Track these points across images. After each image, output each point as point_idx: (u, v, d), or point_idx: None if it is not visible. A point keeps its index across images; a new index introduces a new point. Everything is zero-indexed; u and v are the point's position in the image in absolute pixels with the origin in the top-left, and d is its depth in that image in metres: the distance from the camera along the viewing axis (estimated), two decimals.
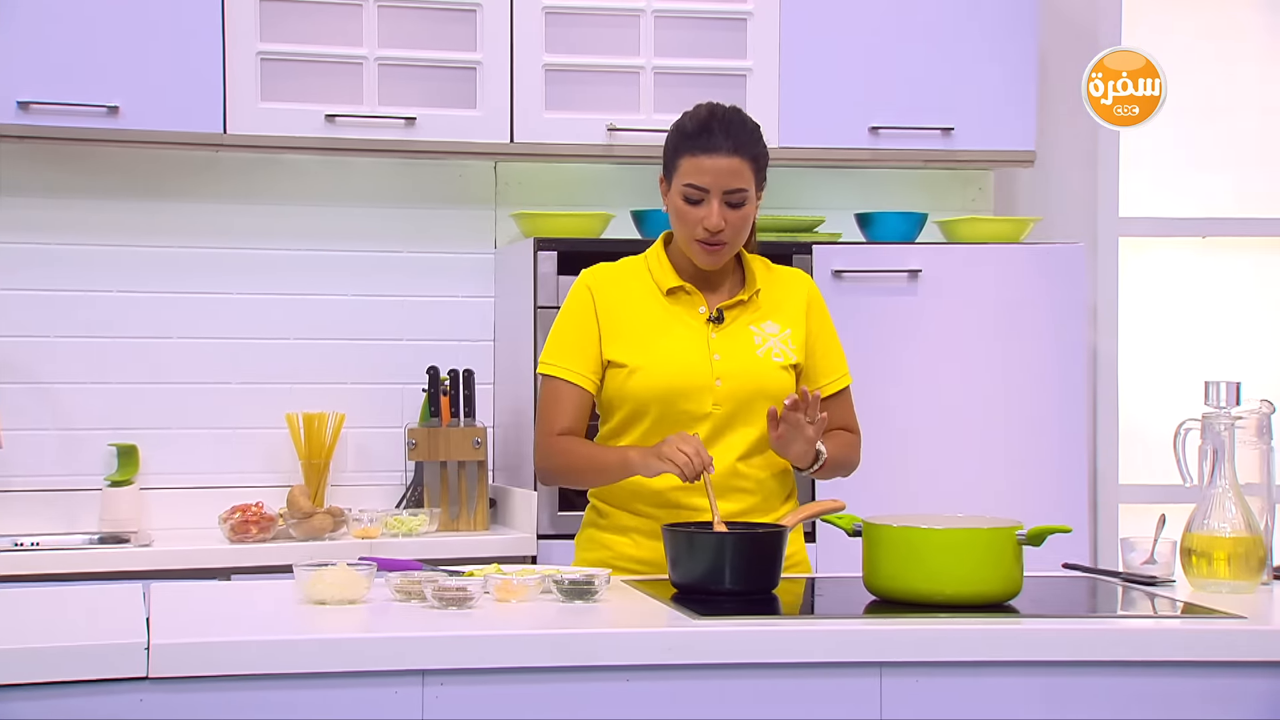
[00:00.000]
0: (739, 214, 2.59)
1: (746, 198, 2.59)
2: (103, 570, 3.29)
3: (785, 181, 4.10)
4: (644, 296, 2.66)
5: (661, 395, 2.61)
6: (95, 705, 1.97)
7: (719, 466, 2.60)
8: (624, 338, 2.63)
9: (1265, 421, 2.54)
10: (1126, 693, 2.17)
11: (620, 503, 2.66)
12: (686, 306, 2.66)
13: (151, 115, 3.54)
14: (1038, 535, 2.32)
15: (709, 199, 2.58)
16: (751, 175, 2.60)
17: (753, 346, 2.65)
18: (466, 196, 3.97)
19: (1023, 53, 3.88)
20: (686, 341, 2.64)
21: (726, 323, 2.66)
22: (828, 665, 2.13)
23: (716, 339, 2.65)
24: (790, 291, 2.73)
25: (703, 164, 2.57)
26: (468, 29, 3.69)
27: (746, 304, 2.68)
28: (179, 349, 3.84)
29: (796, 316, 2.71)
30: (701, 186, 2.58)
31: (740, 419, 2.63)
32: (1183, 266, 4.25)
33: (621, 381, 2.62)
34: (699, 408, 2.61)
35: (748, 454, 2.65)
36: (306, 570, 2.28)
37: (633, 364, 2.62)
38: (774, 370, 2.65)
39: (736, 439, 2.63)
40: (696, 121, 2.61)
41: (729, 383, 2.62)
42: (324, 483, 3.78)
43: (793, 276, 2.76)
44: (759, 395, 2.63)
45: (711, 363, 2.62)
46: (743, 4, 3.79)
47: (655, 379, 2.61)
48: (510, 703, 2.07)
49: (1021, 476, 3.70)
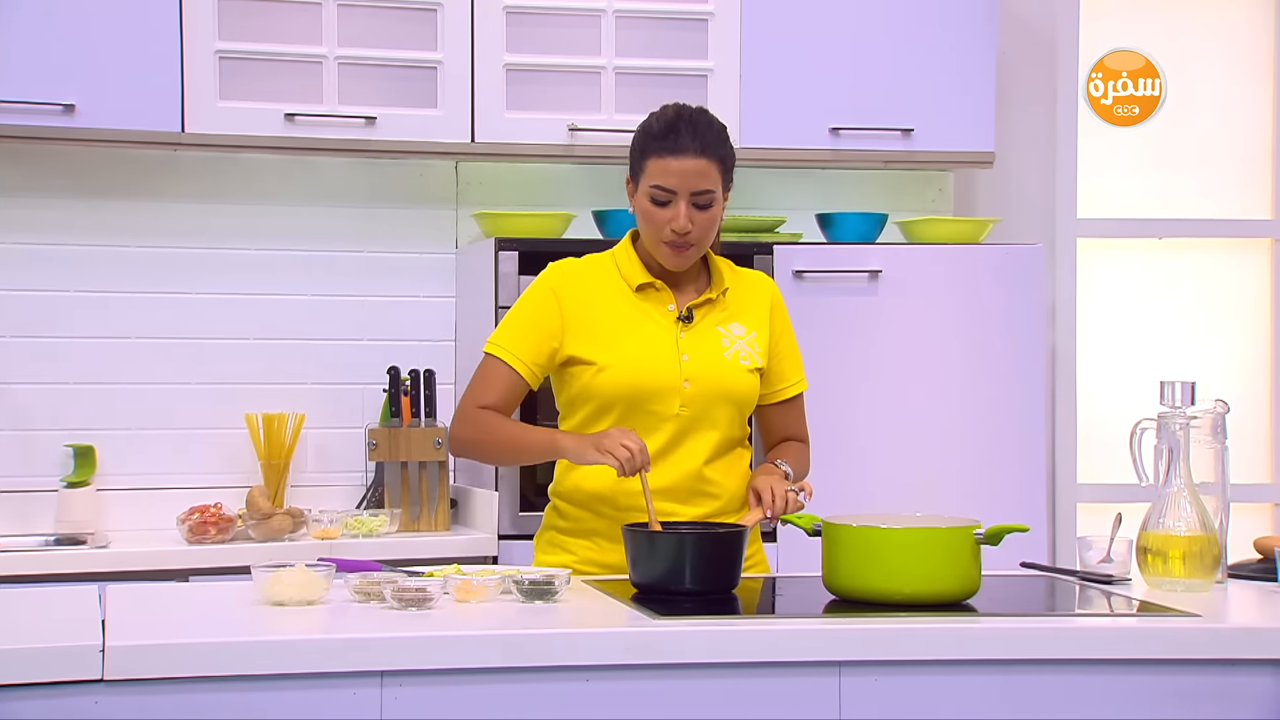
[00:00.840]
0: (706, 215, 2.59)
1: (714, 199, 2.59)
2: (59, 572, 3.26)
3: (746, 182, 4.11)
4: (612, 293, 2.65)
5: (629, 394, 2.60)
6: (50, 708, 1.95)
7: (685, 470, 2.60)
8: (591, 334, 2.62)
9: (1220, 421, 2.56)
10: (1084, 690, 2.19)
11: (584, 504, 2.65)
12: (655, 304, 2.66)
13: (108, 114, 3.52)
14: (996, 534, 2.34)
15: (676, 200, 2.57)
16: (719, 176, 2.59)
17: (720, 348, 2.65)
18: (427, 196, 3.96)
19: (982, 55, 3.90)
20: (656, 341, 2.63)
21: (695, 322, 2.66)
22: (787, 665, 2.13)
23: (685, 339, 2.64)
24: (755, 294, 2.73)
25: (670, 165, 2.57)
26: (428, 28, 3.68)
27: (714, 303, 2.68)
28: (137, 349, 3.82)
29: (761, 319, 2.71)
30: (669, 188, 2.57)
31: (706, 422, 2.63)
32: (1140, 267, 4.29)
33: (589, 379, 2.61)
34: (666, 409, 2.61)
35: (713, 458, 2.64)
36: (264, 571, 2.27)
37: (601, 361, 2.60)
38: (741, 373, 2.65)
39: (702, 442, 2.63)
40: (663, 123, 2.60)
41: (696, 385, 2.61)
42: (284, 483, 3.77)
43: (756, 279, 2.76)
44: (725, 398, 2.63)
45: (680, 363, 2.62)
46: (704, 5, 3.79)
47: (623, 378, 2.60)
48: (469, 703, 2.06)
49: (980, 476, 3.72)
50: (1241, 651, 2.20)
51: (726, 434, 2.65)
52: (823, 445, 3.68)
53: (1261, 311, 4.30)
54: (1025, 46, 4.22)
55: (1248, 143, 4.28)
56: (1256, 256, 4.31)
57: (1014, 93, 4.19)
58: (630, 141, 2.66)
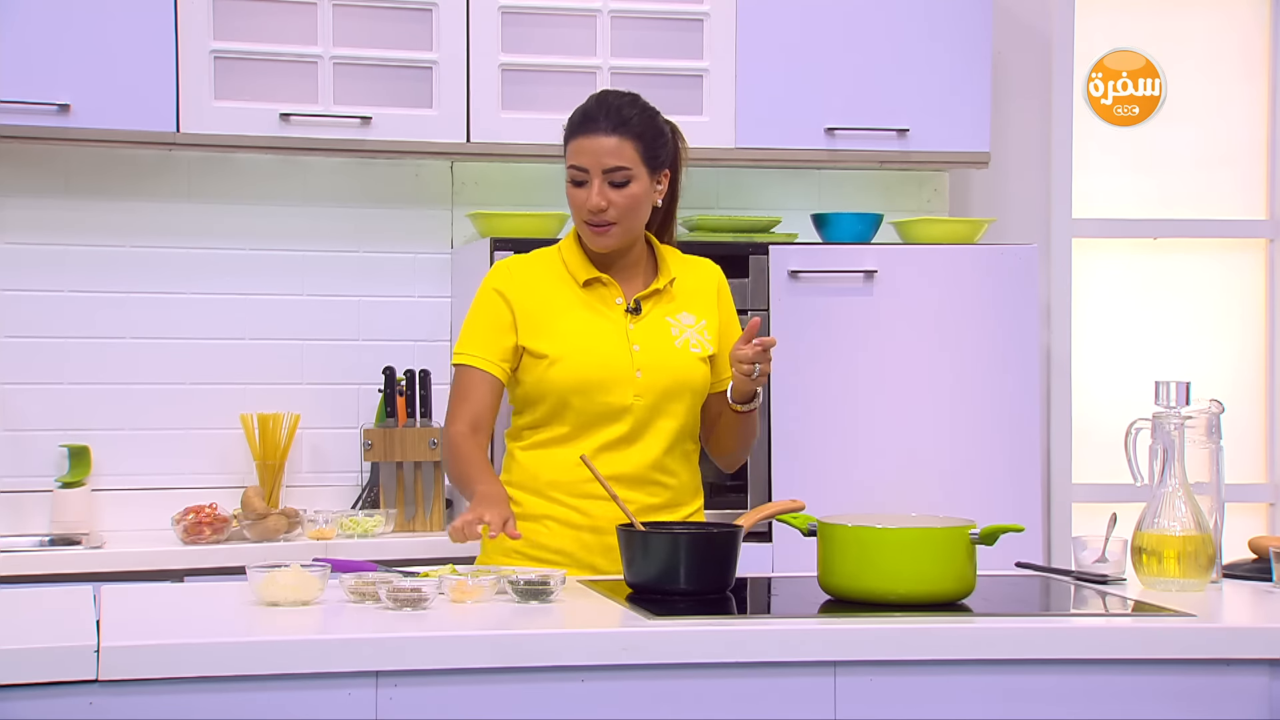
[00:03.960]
0: (623, 194, 2.60)
1: (630, 176, 2.60)
2: (53, 572, 3.27)
3: (741, 182, 4.12)
4: (560, 287, 2.67)
5: (583, 387, 2.61)
6: (44, 708, 1.95)
7: (645, 460, 2.60)
8: (542, 328, 2.64)
9: (1214, 421, 2.56)
10: (1078, 690, 2.19)
11: (537, 491, 2.66)
12: (603, 298, 2.67)
13: (103, 114, 3.51)
14: (991, 534, 2.34)
15: (590, 179, 2.60)
16: (636, 154, 2.61)
17: (671, 338, 2.67)
18: (422, 196, 3.96)
19: (977, 55, 3.90)
20: (606, 333, 2.64)
21: (644, 314, 2.67)
22: (782, 665, 2.14)
23: (635, 330, 2.65)
24: (702, 282, 2.75)
25: (582, 145, 2.61)
26: (424, 28, 3.68)
27: (662, 294, 2.69)
28: (132, 349, 3.81)
29: (709, 307, 2.72)
30: (582, 167, 2.61)
31: (662, 412, 2.64)
32: (1135, 268, 4.29)
33: (542, 373, 2.62)
34: (620, 400, 2.62)
35: (672, 447, 2.66)
36: (259, 572, 2.27)
37: (554, 354, 2.62)
38: (693, 361, 2.67)
39: (659, 432, 2.65)
40: (583, 109, 2.66)
41: (649, 375, 2.63)
42: (279, 484, 3.76)
43: (703, 266, 2.77)
44: (678, 387, 2.65)
45: (631, 354, 2.63)
46: (699, 5, 3.79)
47: (576, 370, 2.61)
48: (464, 704, 2.06)
49: (975, 476, 3.72)
50: (1236, 651, 2.21)
51: (683, 423, 2.67)
52: (818, 445, 3.70)
53: (1256, 312, 4.30)
54: (1020, 46, 4.23)
55: (1242, 144, 4.29)
56: (1251, 257, 4.31)
57: (1009, 92, 4.20)
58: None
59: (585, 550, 2.63)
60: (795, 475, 3.65)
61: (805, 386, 3.69)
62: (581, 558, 2.62)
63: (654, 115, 2.67)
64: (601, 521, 2.62)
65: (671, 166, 2.71)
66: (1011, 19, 4.22)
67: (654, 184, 2.65)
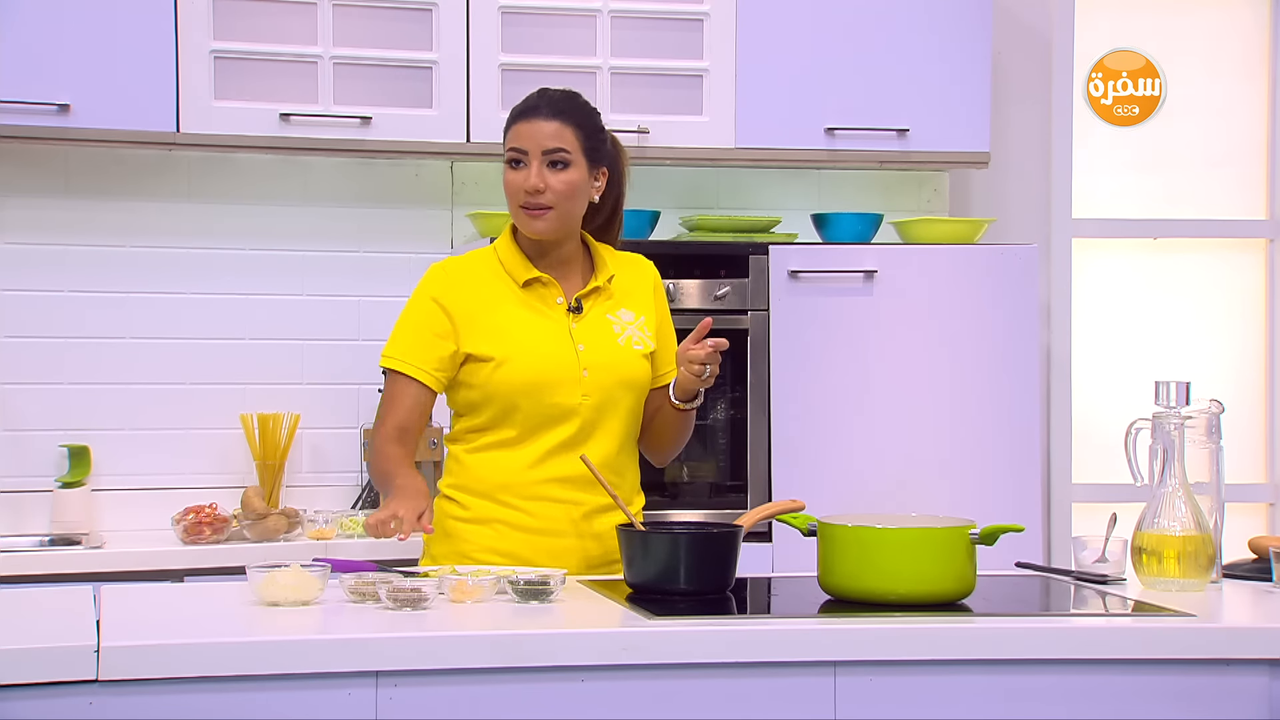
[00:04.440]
0: (561, 178, 2.60)
1: (568, 159, 2.60)
2: (53, 572, 3.26)
3: (741, 182, 4.12)
4: (499, 289, 2.65)
5: (530, 388, 2.59)
6: (44, 708, 1.95)
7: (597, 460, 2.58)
8: (485, 331, 2.62)
9: (1214, 421, 2.56)
10: (1078, 690, 2.19)
11: (485, 494, 2.63)
12: (543, 298, 2.66)
13: (103, 114, 3.51)
14: (991, 534, 2.34)
15: (529, 160, 2.60)
16: (575, 141, 2.61)
17: (613, 335, 2.66)
18: (422, 196, 3.96)
19: (977, 55, 3.90)
20: (550, 333, 2.63)
21: (585, 312, 2.66)
22: (782, 665, 2.13)
23: (578, 329, 2.65)
24: (638, 278, 2.74)
25: (521, 129, 2.62)
26: (424, 28, 3.68)
27: (601, 291, 2.68)
28: (132, 349, 3.81)
29: (646, 303, 2.72)
30: (521, 148, 2.61)
31: (607, 410, 2.63)
32: (1135, 268, 4.29)
33: (488, 375, 2.60)
34: (567, 400, 2.60)
35: (619, 447, 2.65)
36: (259, 572, 2.27)
37: (499, 356, 2.60)
38: (636, 359, 2.66)
39: (607, 432, 2.63)
40: (525, 101, 2.67)
41: (595, 374, 2.62)
42: (278, 484, 3.76)
43: (637, 263, 2.77)
44: (623, 385, 2.64)
45: (577, 353, 2.62)
46: (699, 5, 3.79)
47: (522, 372, 2.59)
48: (464, 704, 2.06)
49: (975, 476, 3.72)
50: (1236, 651, 2.21)
51: (630, 421, 2.67)
52: (818, 445, 3.70)
53: (1256, 312, 4.30)
54: (1020, 46, 4.23)
55: (1242, 144, 4.29)
56: (1251, 257, 4.31)
57: (1009, 93, 4.20)
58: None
59: (534, 553, 2.59)
60: (795, 475, 3.65)
61: (805, 386, 3.69)
62: (530, 560, 2.58)
63: (595, 113, 2.68)
64: (550, 524, 2.60)
65: (612, 169, 2.70)
66: (1011, 19, 4.22)
67: (592, 179, 2.64)
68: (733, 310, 3.70)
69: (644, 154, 3.76)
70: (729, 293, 3.69)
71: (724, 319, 3.69)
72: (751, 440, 3.70)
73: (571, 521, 2.62)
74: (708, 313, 3.68)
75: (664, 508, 3.69)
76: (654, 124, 3.76)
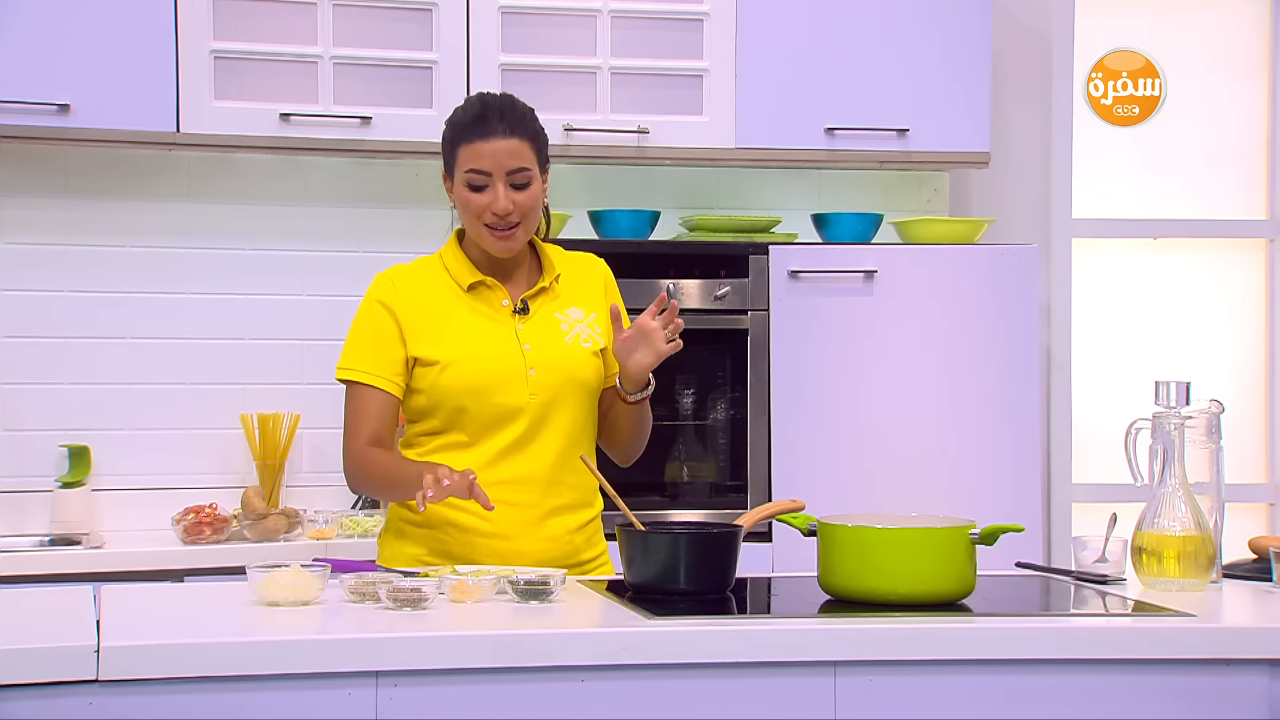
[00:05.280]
0: (525, 195, 2.60)
1: (530, 177, 2.60)
2: (53, 572, 3.27)
3: (741, 182, 4.12)
4: (444, 294, 2.65)
5: (476, 390, 2.58)
6: (44, 708, 1.95)
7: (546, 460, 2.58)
8: (431, 335, 2.61)
9: (1214, 421, 2.56)
10: (1078, 690, 2.19)
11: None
12: (488, 300, 2.65)
13: (103, 114, 3.52)
14: (991, 534, 2.34)
15: (493, 182, 2.58)
16: (532, 155, 2.60)
17: (561, 334, 2.65)
18: (422, 196, 3.96)
19: (977, 54, 3.90)
20: (495, 335, 2.63)
21: (531, 313, 2.66)
22: (782, 665, 2.13)
23: (524, 329, 2.64)
24: (587, 276, 2.73)
25: (481, 149, 2.58)
26: (423, 28, 3.68)
27: (548, 291, 2.68)
28: (132, 349, 3.81)
29: (596, 300, 2.71)
30: (483, 170, 2.59)
31: (556, 409, 2.62)
32: (1134, 268, 4.29)
33: (434, 379, 2.60)
34: (514, 400, 2.59)
35: (570, 446, 2.63)
36: (259, 572, 2.27)
37: (444, 359, 2.59)
38: (585, 356, 2.65)
39: (556, 431, 2.62)
40: (470, 112, 2.63)
41: (542, 373, 2.61)
42: (279, 484, 3.76)
43: (587, 261, 2.77)
44: (571, 383, 2.63)
45: (523, 353, 2.62)
46: (699, 5, 3.79)
47: (467, 374, 2.59)
48: (464, 704, 2.06)
49: (975, 476, 3.72)
50: (1236, 651, 2.21)
51: (581, 419, 2.65)
52: (818, 445, 3.70)
53: (1256, 312, 4.30)
54: (1020, 46, 4.23)
55: (1242, 143, 4.29)
56: (1251, 257, 4.31)
57: (1009, 92, 4.20)
58: (442, 138, 2.65)
59: (487, 556, 2.58)
60: (795, 475, 3.65)
61: (805, 386, 3.69)
62: (486, 564, 2.57)
63: (535, 115, 2.67)
64: (505, 526, 2.59)
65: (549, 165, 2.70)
66: (1011, 19, 4.22)
67: (543, 185, 2.65)
68: (733, 310, 3.70)
69: (644, 154, 3.76)
70: (729, 293, 3.69)
71: (724, 319, 3.70)
72: (751, 440, 3.70)
73: (521, 524, 2.60)
74: (708, 313, 3.68)
75: (664, 508, 3.70)
76: (654, 124, 3.76)
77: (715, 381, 3.77)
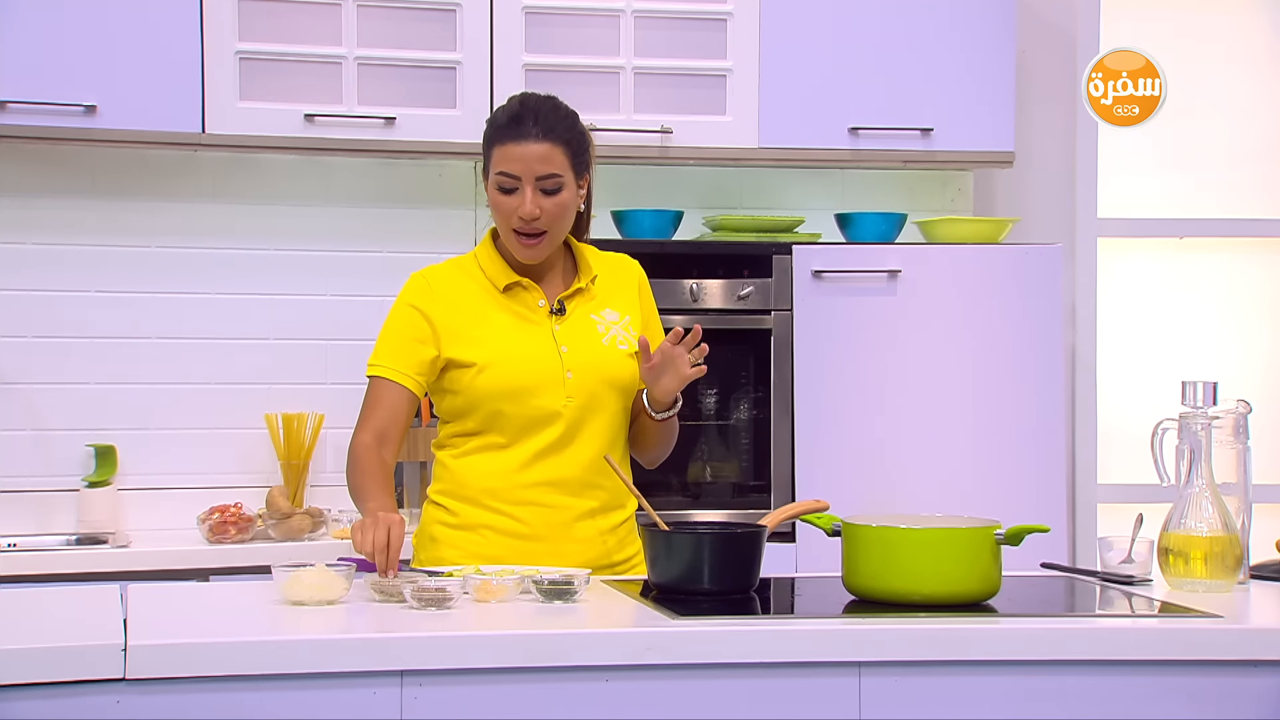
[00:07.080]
0: (554, 201, 2.58)
1: (561, 183, 2.58)
2: (80, 571, 3.28)
3: (765, 182, 4.11)
4: (480, 294, 2.64)
5: (513, 392, 2.58)
6: (72, 706, 1.96)
7: (583, 462, 2.57)
8: (467, 337, 2.60)
9: (1241, 421, 2.55)
10: (1104, 692, 2.18)
11: (472, 500, 2.62)
12: (524, 302, 2.64)
13: (129, 115, 3.53)
14: (1016, 535, 2.33)
15: (522, 187, 2.57)
16: (565, 160, 2.58)
17: (597, 336, 2.64)
18: (446, 196, 3.97)
19: (1001, 54, 3.89)
20: (532, 336, 2.61)
21: (568, 314, 2.64)
22: (806, 665, 2.13)
23: (561, 331, 2.63)
24: (622, 278, 2.72)
25: (511, 152, 2.57)
26: (447, 29, 3.69)
27: (584, 292, 2.67)
28: (157, 349, 3.83)
29: (631, 302, 2.70)
30: (513, 174, 2.57)
31: (593, 412, 2.61)
32: (1160, 267, 4.27)
33: (470, 380, 2.59)
34: (551, 403, 2.59)
35: (608, 447, 2.62)
36: (284, 571, 2.27)
37: (481, 361, 2.58)
38: (621, 358, 2.64)
39: (593, 434, 2.61)
40: (508, 113, 2.62)
41: (579, 375, 2.60)
42: (303, 483, 3.78)
43: (622, 262, 2.75)
44: (609, 385, 2.62)
45: (560, 355, 2.61)
46: (723, 5, 3.79)
47: (505, 377, 2.58)
48: (489, 703, 2.06)
49: (1000, 476, 3.71)
50: (1263, 653, 2.20)
51: (615, 423, 2.64)
52: (841, 445, 3.70)
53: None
54: (1045, 45, 4.21)
55: (1266, 142, 4.27)
56: (1277, 256, 4.29)
57: (1034, 92, 4.18)
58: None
59: (522, 558, 2.57)
60: (819, 475, 3.65)
61: (829, 386, 3.68)
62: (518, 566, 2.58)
63: (577, 119, 2.65)
64: (540, 529, 2.59)
65: (589, 170, 2.68)
66: (1036, 18, 4.20)
67: (579, 190, 2.63)
68: (756, 310, 3.69)
69: (667, 154, 3.76)
70: (752, 293, 3.69)
71: (747, 319, 3.69)
72: (775, 440, 3.70)
73: (556, 526, 2.60)
74: (732, 313, 3.68)
75: (687, 508, 3.69)
76: (677, 124, 3.76)
77: (739, 381, 3.77)
